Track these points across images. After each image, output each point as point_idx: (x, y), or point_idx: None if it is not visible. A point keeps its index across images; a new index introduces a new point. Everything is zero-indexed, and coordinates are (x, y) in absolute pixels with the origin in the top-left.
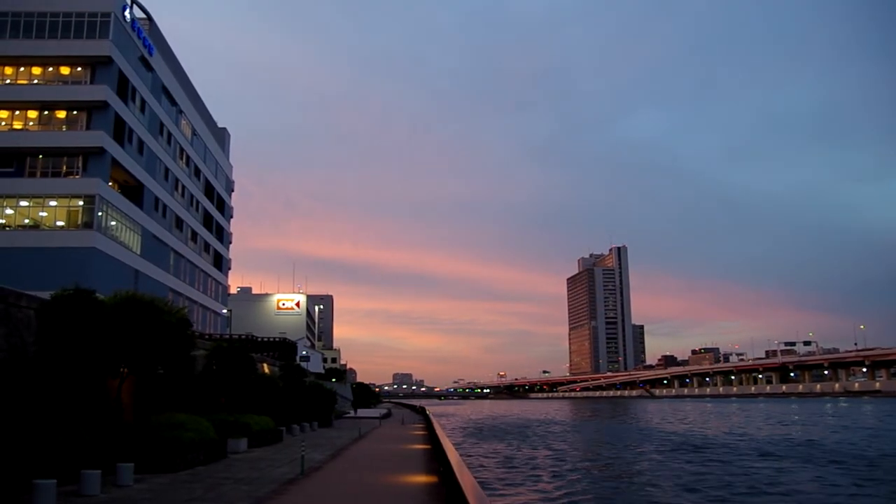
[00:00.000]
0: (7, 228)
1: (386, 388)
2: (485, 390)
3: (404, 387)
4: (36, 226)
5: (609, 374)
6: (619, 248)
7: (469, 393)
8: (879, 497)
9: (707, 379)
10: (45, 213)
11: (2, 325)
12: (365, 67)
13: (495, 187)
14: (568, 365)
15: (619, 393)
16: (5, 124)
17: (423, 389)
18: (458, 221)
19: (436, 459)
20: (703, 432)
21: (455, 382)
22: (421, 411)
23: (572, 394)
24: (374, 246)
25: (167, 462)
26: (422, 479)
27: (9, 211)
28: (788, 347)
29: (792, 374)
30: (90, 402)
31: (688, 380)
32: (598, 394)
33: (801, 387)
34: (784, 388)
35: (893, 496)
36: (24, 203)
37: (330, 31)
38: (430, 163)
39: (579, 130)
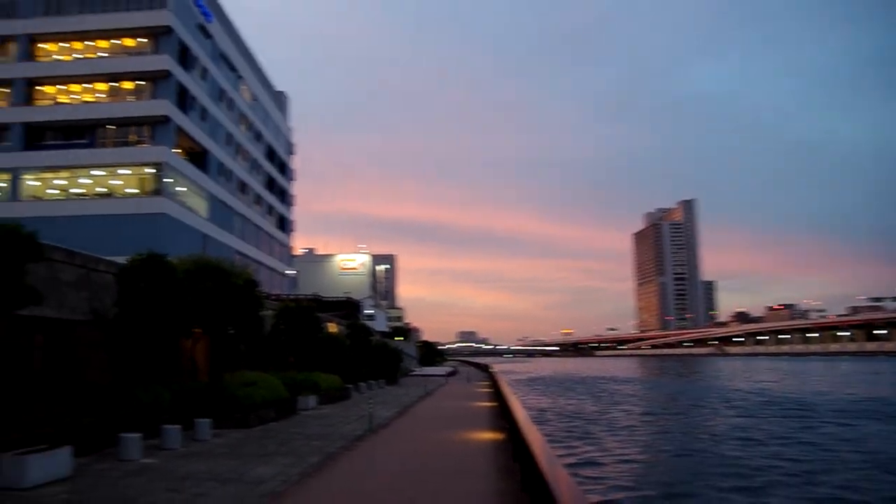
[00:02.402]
0: (84, 197)
1: (450, 346)
2: (550, 348)
3: (469, 345)
4: (109, 194)
5: (678, 331)
6: (687, 202)
7: (534, 351)
8: None
9: (784, 336)
10: (117, 182)
11: (85, 290)
12: (422, 27)
13: (559, 143)
14: (635, 322)
15: (688, 350)
16: (78, 98)
17: (487, 347)
18: (522, 179)
19: (502, 416)
20: (777, 390)
21: (520, 340)
22: (486, 369)
23: (640, 351)
24: (437, 206)
25: (241, 418)
26: (489, 435)
27: (84, 180)
28: (875, 304)
29: (880, 332)
30: (167, 362)
31: (763, 337)
32: (666, 351)
33: (890, 345)
34: (870, 346)
35: None
36: (97, 172)
37: None
38: (491, 121)
39: (645, 82)
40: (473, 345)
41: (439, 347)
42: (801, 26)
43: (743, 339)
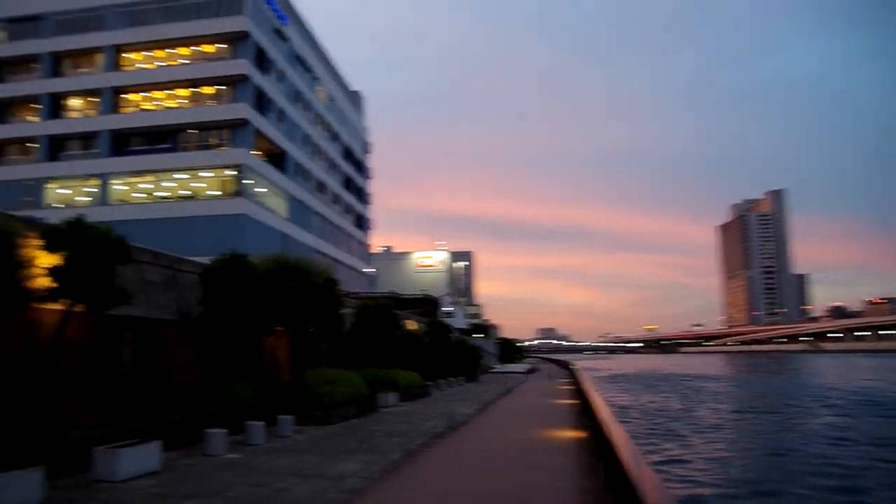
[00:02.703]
0: (168, 200)
1: (530, 343)
2: (632, 344)
3: (549, 342)
4: (192, 196)
5: (768, 326)
6: (775, 192)
7: (616, 347)
8: None
9: (886, 332)
10: (199, 184)
11: (170, 290)
12: (499, 20)
13: (640, 135)
14: (721, 317)
15: (779, 347)
16: (161, 104)
17: (568, 344)
18: (602, 173)
19: (584, 414)
20: (877, 389)
21: (601, 337)
22: (566, 366)
23: (727, 348)
24: (516, 201)
25: (322, 415)
26: (570, 433)
27: (168, 184)
28: None
29: None
30: (250, 360)
31: (862, 333)
32: (755, 348)
33: None
34: None
35: None
36: (180, 176)
37: None
38: (571, 114)
39: (730, 68)
40: (553, 342)
41: (518, 344)
42: (892, 6)
43: (840, 335)
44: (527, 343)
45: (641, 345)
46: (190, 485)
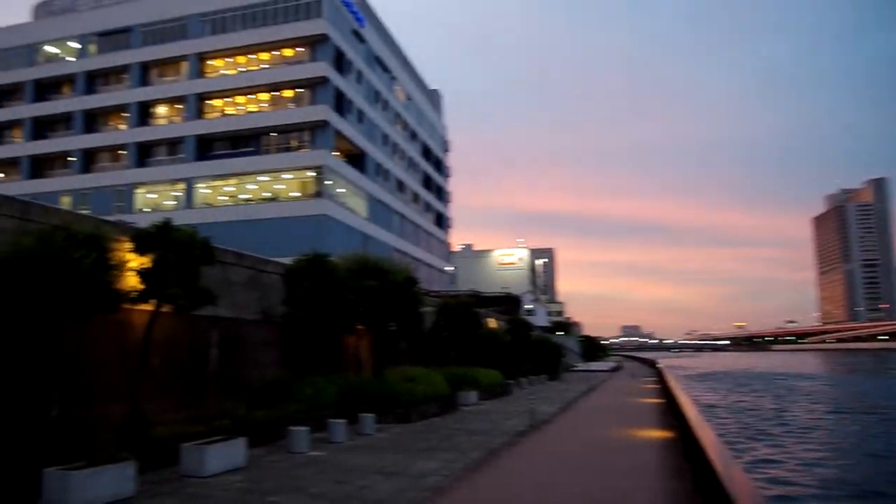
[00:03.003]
0: (250, 202)
1: (613, 340)
2: (720, 342)
3: (633, 339)
4: (274, 198)
5: (870, 323)
6: (876, 181)
7: (704, 345)
8: None
9: None
10: (281, 186)
11: (255, 290)
12: (579, 13)
13: (727, 124)
14: (817, 314)
15: (883, 345)
16: (243, 108)
17: (653, 342)
18: (686, 165)
19: (671, 414)
20: None
21: (688, 334)
22: (652, 364)
23: (824, 345)
24: (597, 197)
25: (403, 413)
26: (656, 433)
27: (251, 186)
28: None
29: None
30: (332, 358)
31: None
32: (856, 345)
33: None
34: None
35: None
36: (262, 178)
37: None
38: (652, 106)
39: (822, 50)
40: (638, 339)
41: (602, 342)
42: None
43: None
44: (610, 341)
45: (728, 342)
46: (274, 481)
